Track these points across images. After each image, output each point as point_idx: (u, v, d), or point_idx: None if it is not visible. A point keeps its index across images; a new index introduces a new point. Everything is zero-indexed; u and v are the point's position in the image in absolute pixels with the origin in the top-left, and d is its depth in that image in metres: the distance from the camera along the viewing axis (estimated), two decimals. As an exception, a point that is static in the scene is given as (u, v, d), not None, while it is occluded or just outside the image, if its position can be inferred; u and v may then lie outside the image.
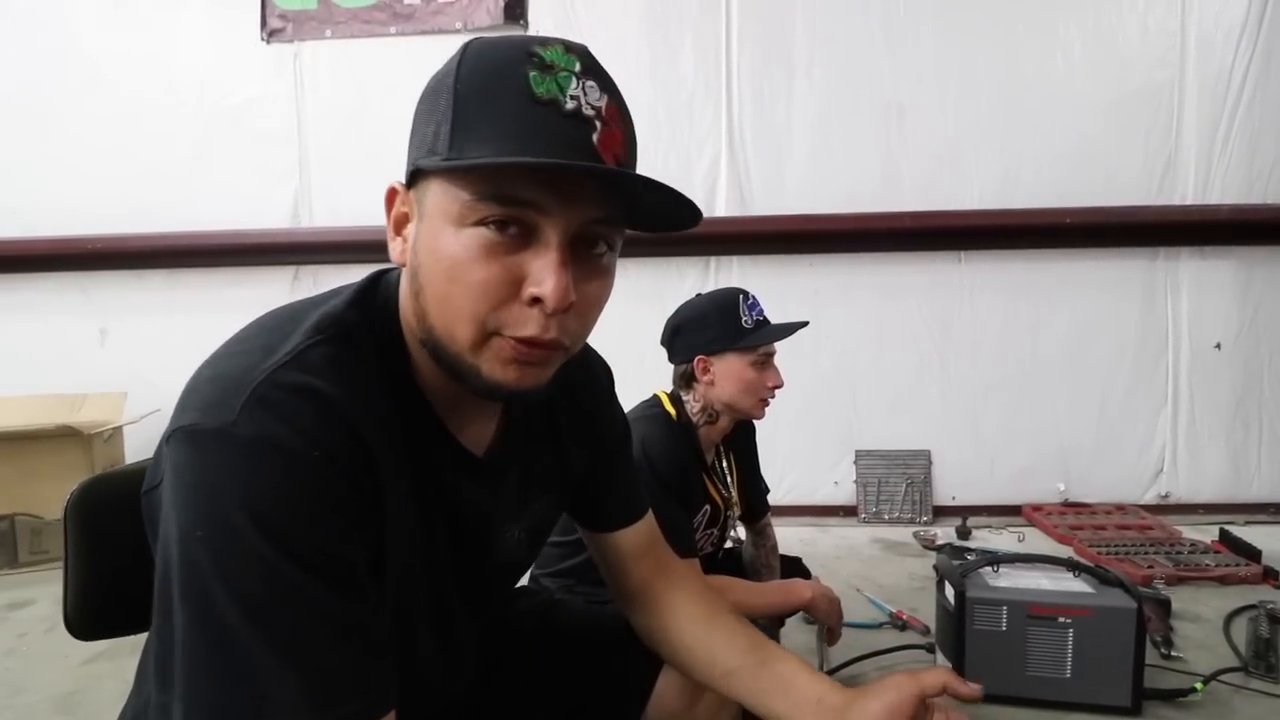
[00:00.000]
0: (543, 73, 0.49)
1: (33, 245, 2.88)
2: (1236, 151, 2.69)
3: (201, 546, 0.45)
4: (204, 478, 0.46)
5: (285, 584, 0.45)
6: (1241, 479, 2.77)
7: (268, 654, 0.44)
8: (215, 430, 0.46)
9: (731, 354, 1.30)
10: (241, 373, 0.48)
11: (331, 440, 0.48)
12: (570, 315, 0.51)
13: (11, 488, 2.35)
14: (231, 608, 0.44)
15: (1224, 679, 1.56)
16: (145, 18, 2.87)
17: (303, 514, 0.46)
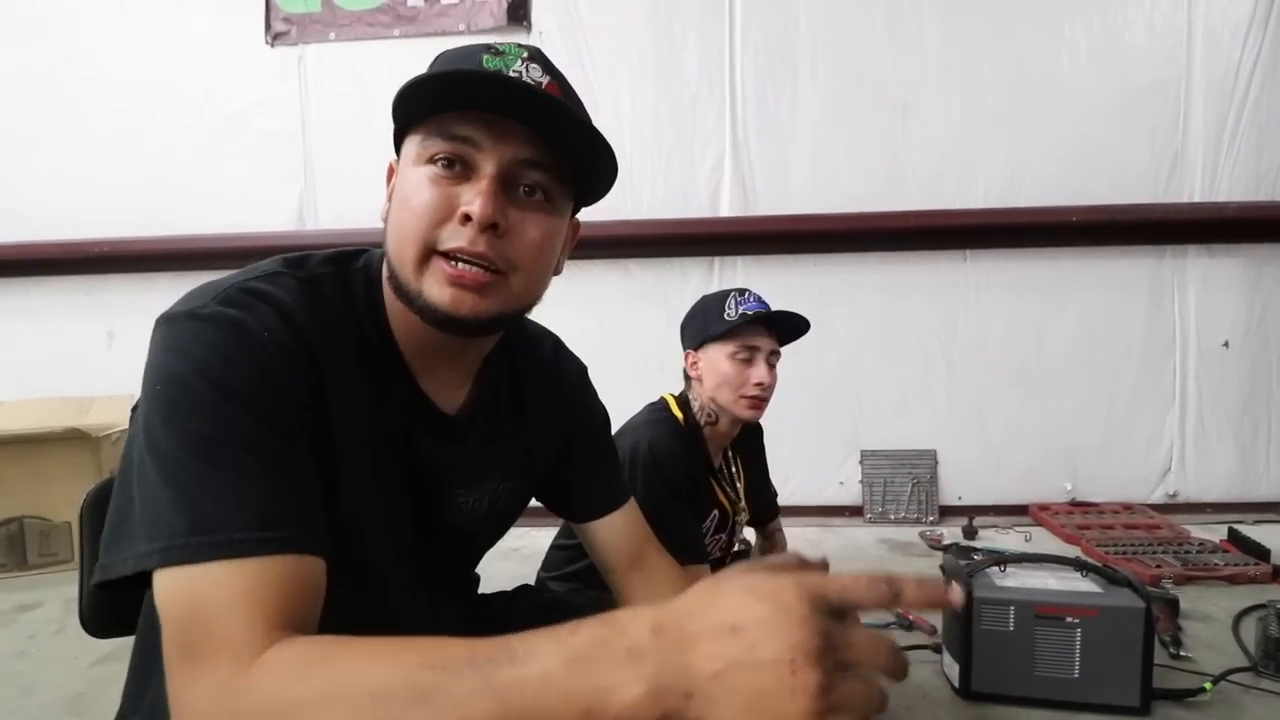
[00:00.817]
0: (493, 55, 0.60)
1: (40, 249, 2.90)
2: (1244, 148, 2.68)
3: (158, 398, 0.52)
4: (169, 344, 0.54)
5: (228, 424, 0.51)
6: (1250, 478, 2.76)
7: (214, 482, 0.49)
8: (185, 312, 0.55)
9: (712, 346, 1.28)
10: (218, 283, 0.57)
11: (285, 336, 0.55)
12: (504, 241, 0.59)
13: (20, 490, 2.36)
14: (182, 443, 0.50)
15: (1233, 679, 1.55)
16: (150, 22, 2.88)
17: (249, 375, 0.53)
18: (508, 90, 0.57)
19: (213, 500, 0.49)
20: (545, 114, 0.58)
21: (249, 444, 0.51)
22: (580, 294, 2.83)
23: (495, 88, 0.57)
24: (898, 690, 1.58)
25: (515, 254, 0.60)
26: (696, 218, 2.78)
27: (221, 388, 0.51)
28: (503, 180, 0.58)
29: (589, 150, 0.60)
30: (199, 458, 0.50)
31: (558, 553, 1.35)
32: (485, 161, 0.58)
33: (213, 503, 0.49)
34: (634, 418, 1.34)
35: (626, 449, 1.24)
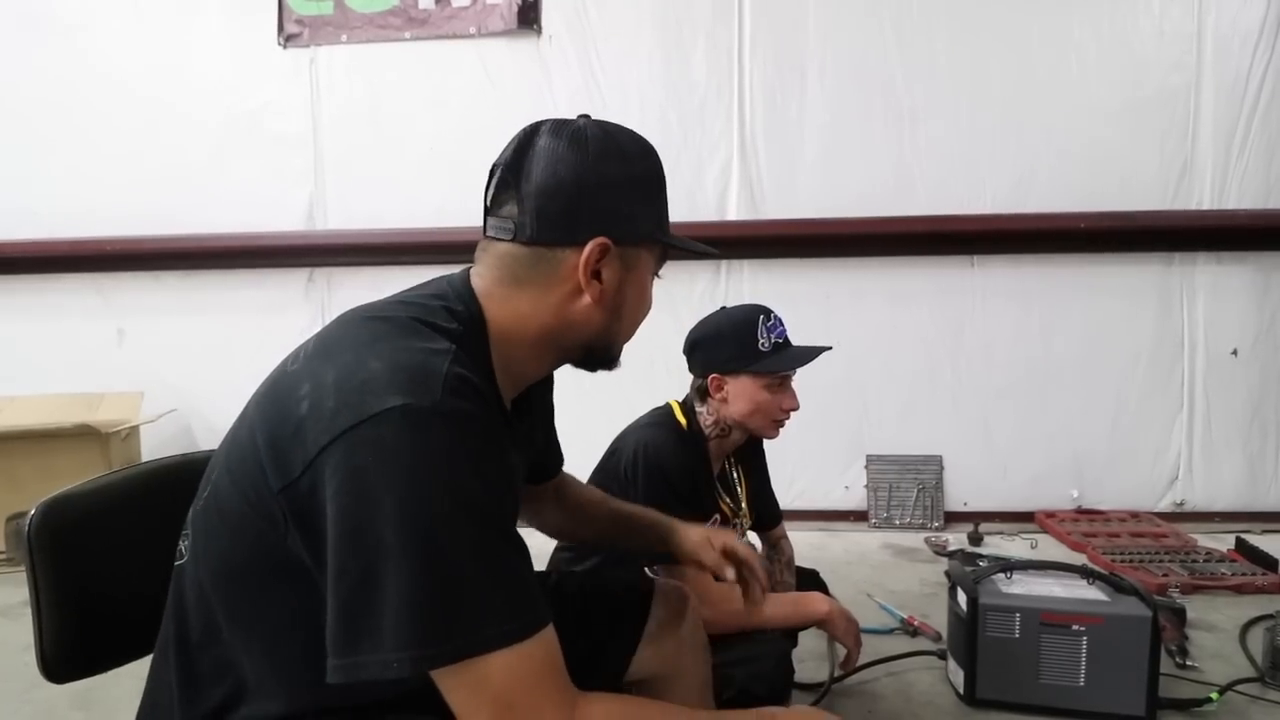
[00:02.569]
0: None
1: (51, 246, 2.92)
2: (1254, 156, 2.66)
3: (431, 502, 0.55)
4: (424, 447, 0.56)
5: (496, 522, 0.59)
6: (1258, 487, 2.74)
7: (490, 579, 0.56)
8: (429, 408, 0.57)
9: (745, 375, 1.29)
10: (426, 367, 0.60)
11: (494, 416, 0.64)
12: None
13: (30, 485, 2.37)
14: (463, 545, 0.55)
15: (1240, 689, 1.54)
16: (164, 23, 2.91)
17: (493, 464, 0.60)
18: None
19: (492, 600, 0.56)
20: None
21: (509, 538, 0.60)
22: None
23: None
24: (903, 696, 1.58)
25: None
26: (704, 221, 2.78)
27: (489, 491, 0.58)
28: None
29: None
30: (481, 558, 0.56)
31: (563, 554, 1.35)
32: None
33: (492, 602, 0.56)
34: (637, 420, 1.35)
35: (628, 451, 1.25)
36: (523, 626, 0.56)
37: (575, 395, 1.32)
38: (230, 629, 0.65)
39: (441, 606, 0.54)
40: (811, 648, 1.74)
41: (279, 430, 0.60)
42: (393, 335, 0.64)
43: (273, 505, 0.59)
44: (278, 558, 0.60)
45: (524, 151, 0.70)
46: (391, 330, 0.65)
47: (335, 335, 0.67)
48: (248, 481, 0.61)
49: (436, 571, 0.54)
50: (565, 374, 1.22)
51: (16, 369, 2.87)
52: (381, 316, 0.67)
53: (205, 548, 0.66)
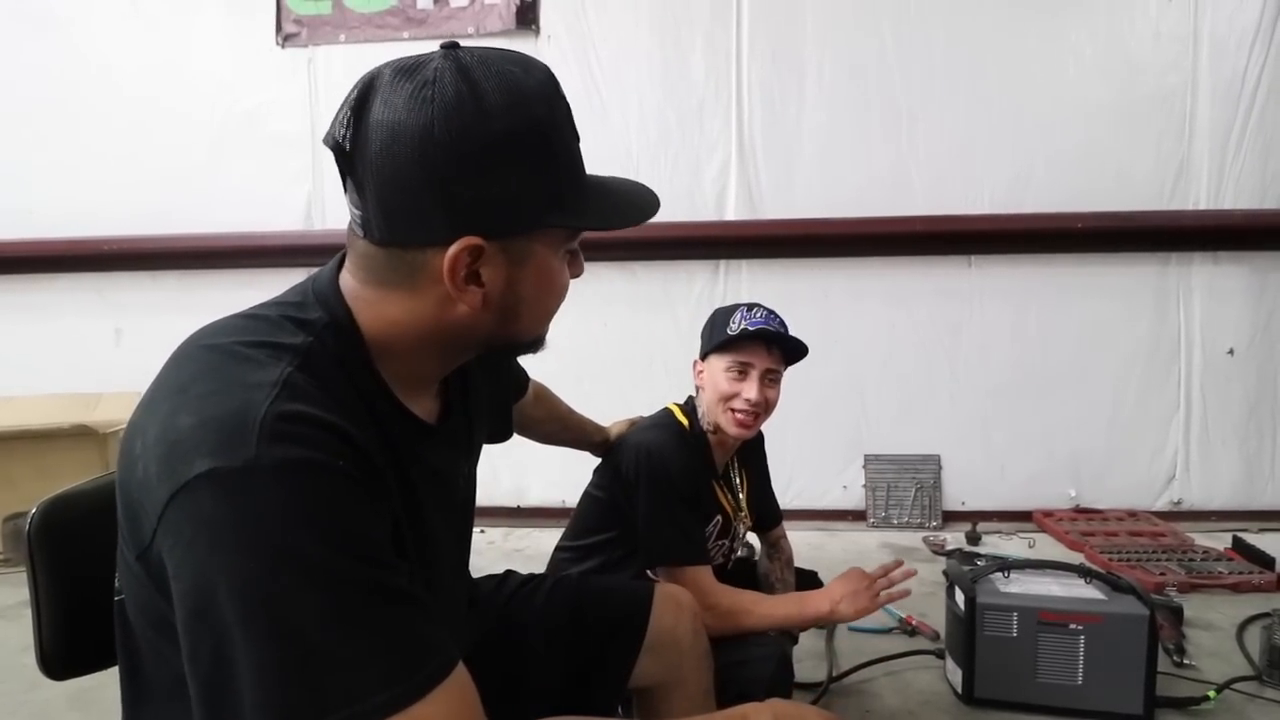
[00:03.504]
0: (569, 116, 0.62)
1: (49, 246, 2.92)
2: (1250, 156, 2.67)
3: (264, 577, 0.47)
4: (244, 514, 0.47)
5: (352, 581, 0.49)
6: (1255, 486, 2.75)
7: (351, 648, 0.47)
8: (241, 468, 0.48)
9: (712, 357, 1.29)
10: (237, 415, 0.50)
11: (340, 452, 0.52)
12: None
13: (27, 485, 2.37)
14: (310, 618, 0.47)
15: (1237, 688, 1.55)
16: (162, 23, 2.90)
17: (344, 517, 0.50)
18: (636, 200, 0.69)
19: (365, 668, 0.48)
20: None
21: (377, 591, 0.50)
22: (585, 296, 2.82)
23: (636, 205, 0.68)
24: (901, 695, 1.58)
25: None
26: (702, 221, 2.78)
27: (337, 544, 0.49)
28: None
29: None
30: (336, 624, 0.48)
31: (562, 554, 1.36)
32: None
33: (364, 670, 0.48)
34: (641, 423, 1.35)
35: (629, 452, 1.25)
36: (409, 689, 0.48)
37: (574, 396, 1.32)
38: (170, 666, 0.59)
39: (300, 684, 0.46)
40: (810, 647, 1.74)
41: (126, 495, 0.54)
42: (209, 373, 0.54)
43: (139, 570, 0.54)
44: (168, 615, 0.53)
45: (360, 114, 0.55)
46: (210, 366, 0.55)
47: (161, 377, 0.57)
48: (124, 542, 0.56)
49: (288, 647, 0.46)
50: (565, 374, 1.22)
51: (14, 369, 2.86)
52: (208, 345, 0.57)
53: (127, 590, 0.60)
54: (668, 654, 0.94)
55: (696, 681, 0.97)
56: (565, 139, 0.59)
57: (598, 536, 1.30)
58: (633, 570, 1.25)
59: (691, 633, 0.97)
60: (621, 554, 1.27)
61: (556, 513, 2.62)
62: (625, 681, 0.92)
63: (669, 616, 0.96)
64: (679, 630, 0.96)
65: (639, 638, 0.93)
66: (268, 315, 0.60)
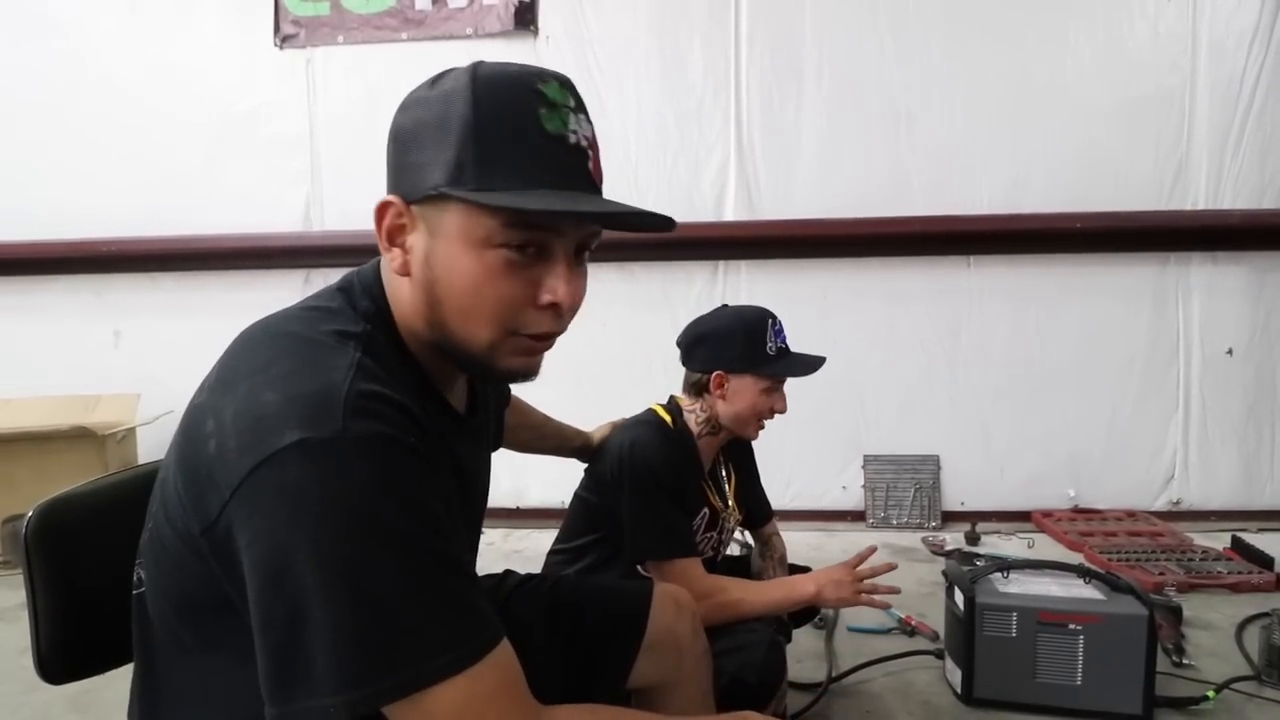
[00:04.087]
0: (550, 110, 0.58)
1: (48, 248, 2.91)
2: (1248, 156, 2.68)
3: (345, 542, 0.51)
4: (331, 482, 0.51)
5: (425, 550, 0.54)
6: (1254, 485, 2.75)
7: (421, 612, 0.52)
8: (330, 439, 0.52)
9: (749, 376, 1.31)
10: (324, 391, 0.54)
11: (411, 430, 0.56)
12: (568, 310, 0.62)
13: (26, 487, 2.37)
14: (387, 582, 0.51)
15: (1236, 687, 1.55)
16: (160, 23, 2.90)
17: (419, 489, 0.55)
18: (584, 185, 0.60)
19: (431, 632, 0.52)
20: (629, 220, 0.60)
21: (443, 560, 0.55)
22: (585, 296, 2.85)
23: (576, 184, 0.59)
24: (900, 696, 1.58)
25: (573, 315, 0.64)
26: (701, 222, 2.78)
27: (411, 513, 0.53)
28: (575, 254, 0.62)
29: (640, 215, 0.61)
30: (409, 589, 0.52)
31: (555, 557, 1.36)
32: (561, 247, 0.60)
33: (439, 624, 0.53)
34: (624, 424, 1.36)
35: (614, 451, 1.26)
36: (467, 653, 0.53)
37: (575, 399, 1.33)
38: (189, 659, 0.63)
39: (374, 645, 0.51)
40: (810, 647, 1.74)
41: (192, 472, 0.57)
42: (287, 355, 0.58)
43: (200, 545, 0.56)
44: (221, 593, 0.57)
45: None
46: (287, 349, 0.58)
47: (232, 362, 0.60)
48: (178, 520, 0.58)
49: (363, 610, 0.51)
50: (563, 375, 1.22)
51: (13, 370, 2.86)
52: (280, 333, 0.61)
53: (157, 577, 0.63)
54: (667, 654, 0.94)
55: (696, 681, 0.97)
56: (487, 124, 0.57)
57: (587, 538, 1.31)
58: (622, 568, 1.25)
59: (691, 632, 0.97)
60: (611, 553, 1.27)
61: (555, 514, 2.60)
62: (624, 681, 0.92)
63: (668, 616, 0.96)
64: (678, 629, 0.96)
65: (638, 637, 0.93)
66: (328, 306, 0.64)
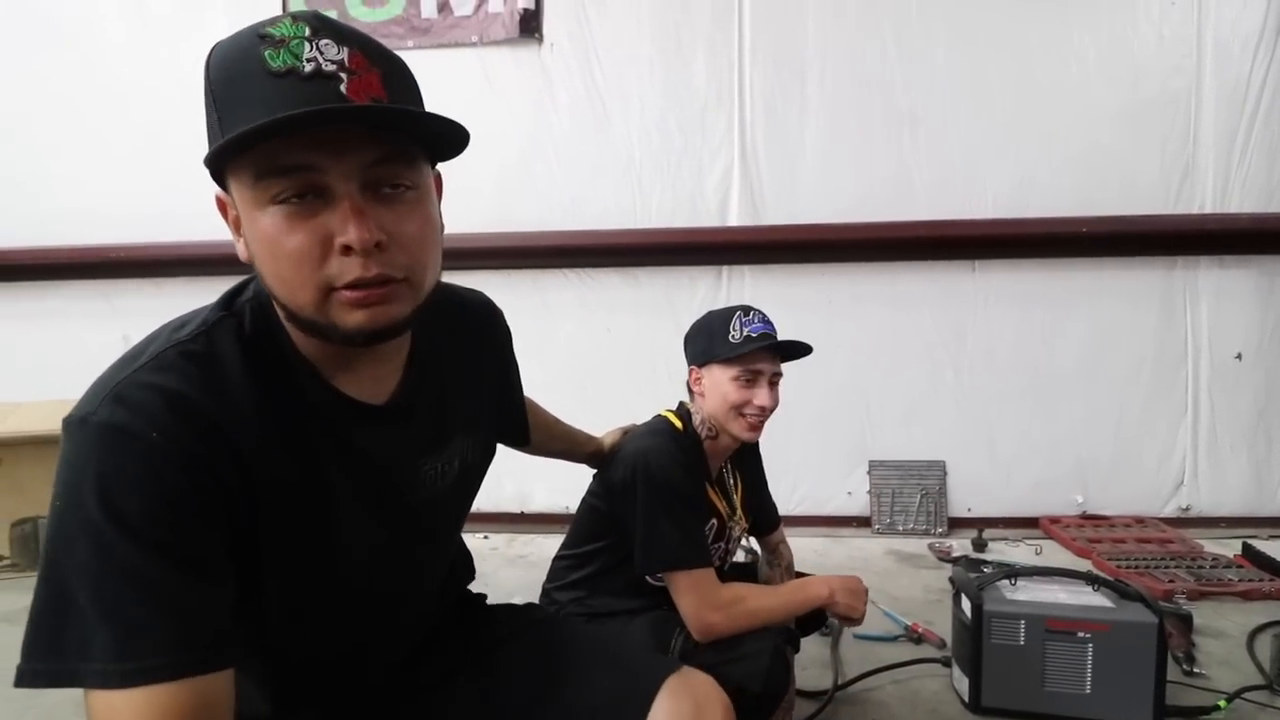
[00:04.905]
0: (275, 48, 0.53)
1: (57, 253, 2.94)
2: (1255, 160, 2.66)
3: (54, 516, 0.54)
4: (65, 458, 0.54)
5: (110, 549, 0.52)
6: (1265, 492, 2.73)
7: (95, 610, 0.51)
8: (78, 419, 0.55)
9: (715, 366, 1.28)
10: (110, 375, 0.57)
11: (179, 429, 0.55)
12: (392, 251, 0.57)
13: (34, 490, 2.38)
14: (69, 568, 0.52)
15: (1248, 697, 1.53)
16: (168, 30, 2.93)
17: (137, 489, 0.53)
18: (327, 114, 0.52)
19: (94, 634, 0.51)
20: (372, 116, 0.55)
21: (149, 570, 0.52)
22: (588, 302, 2.85)
23: (313, 119, 0.51)
24: (907, 704, 1.57)
25: (406, 258, 0.58)
26: (705, 227, 2.79)
27: (117, 513, 0.52)
28: (361, 192, 0.55)
29: (429, 125, 0.56)
30: (82, 583, 0.52)
31: (561, 562, 1.35)
32: (336, 182, 0.54)
33: (95, 636, 0.51)
34: (636, 431, 1.34)
35: (628, 462, 1.24)
36: (131, 672, 0.51)
37: (578, 402, 1.32)
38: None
39: (45, 626, 0.52)
40: (816, 655, 1.73)
41: None
42: (140, 341, 0.61)
43: None
44: None
45: None
46: (150, 335, 0.61)
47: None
48: None
49: (50, 586, 0.53)
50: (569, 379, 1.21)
51: (22, 375, 2.88)
52: (171, 321, 0.64)
53: None
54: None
55: None
56: (225, 81, 0.55)
57: (594, 544, 1.30)
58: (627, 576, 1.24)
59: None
60: (617, 560, 1.26)
61: (560, 519, 2.61)
62: None
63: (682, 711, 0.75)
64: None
65: None
66: (225, 293, 0.65)
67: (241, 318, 0.62)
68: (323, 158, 0.53)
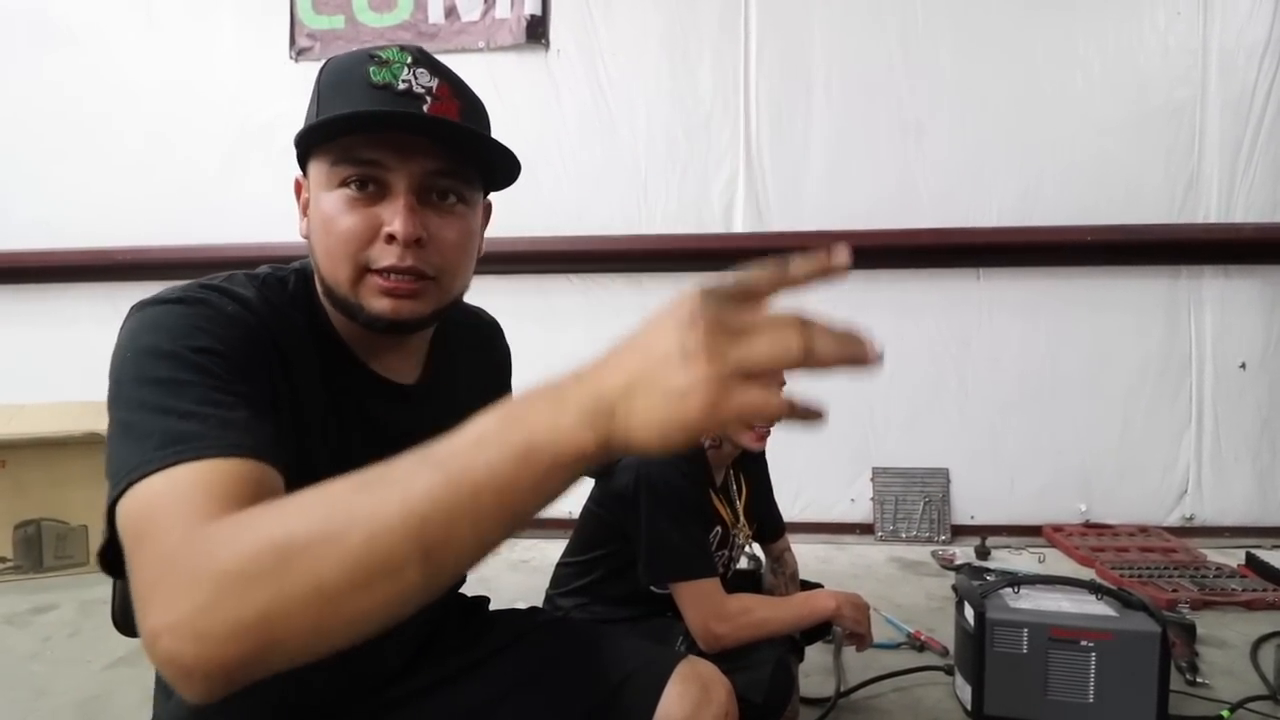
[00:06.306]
0: (380, 66, 0.63)
1: (64, 256, 2.96)
2: (1260, 170, 2.67)
3: (126, 357, 0.55)
4: (139, 321, 0.58)
5: (196, 367, 0.54)
6: (1269, 501, 2.72)
7: (151, 415, 0.51)
8: (151, 299, 0.59)
9: None
10: (183, 285, 0.62)
11: (246, 315, 0.60)
12: (430, 250, 0.64)
13: (39, 492, 2.39)
14: (137, 382, 0.54)
15: (1251, 707, 1.52)
16: (177, 36, 2.96)
17: (207, 333, 0.57)
18: (405, 117, 0.61)
19: (175, 422, 0.50)
20: (442, 130, 0.63)
21: (216, 381, 0.54)
22: (593, 307, 2.86)
23: (393, 119, 0.61)
24: (910, 712, 1.56)
25: (440, 259, 0.65)
26: (710, 233, 2.80)
27: (189, 343, 0.55)
28: (417, 194, 0.63)
29: (488, 151, 0.65)
30: (168, 394, 0.52)
31: (564, 569, 1.35)
32: (397, 180, 0.62)
33: (176, 424, 0.50)
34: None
35: (630, 472, 1.24)
36: (171, 454, 0.47)
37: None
38: None
39: (119, 443, 0.52)
40: (818, 662, 1.73)
41: None
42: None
43: None
44: None
45: None
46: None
47: None
48: None
49: (120, 409, 0.54)
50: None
51: (28, 377, 2.89)
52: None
53: None
54: None
55: None
56: (328, 82, 0.66)
57: (597, 552, 1.30)
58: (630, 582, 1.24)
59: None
60: (620, 566, 1.26)
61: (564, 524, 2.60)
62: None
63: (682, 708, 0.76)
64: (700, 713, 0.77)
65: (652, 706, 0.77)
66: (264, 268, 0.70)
67: (297, 286, 0.68)
68: (391, 157, 0.62)
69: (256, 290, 0.64)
